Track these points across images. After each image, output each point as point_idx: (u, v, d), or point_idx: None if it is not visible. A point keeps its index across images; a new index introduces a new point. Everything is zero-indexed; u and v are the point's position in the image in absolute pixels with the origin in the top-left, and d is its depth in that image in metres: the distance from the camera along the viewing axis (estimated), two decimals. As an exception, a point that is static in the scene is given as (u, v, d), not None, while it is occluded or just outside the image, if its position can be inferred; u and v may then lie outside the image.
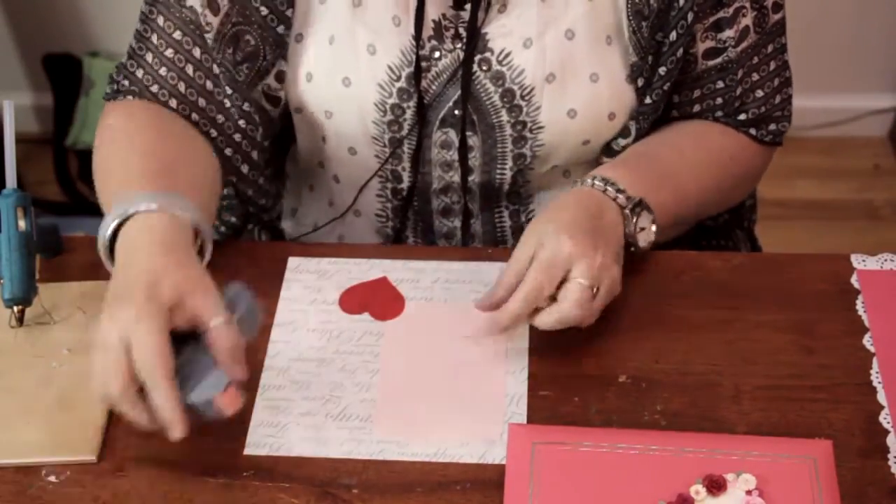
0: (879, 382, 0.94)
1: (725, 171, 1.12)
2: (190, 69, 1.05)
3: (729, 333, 0.98)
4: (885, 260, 1.04)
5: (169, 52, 1.05)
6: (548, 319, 0.93)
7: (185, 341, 0.86)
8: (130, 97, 1.06)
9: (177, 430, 0.83)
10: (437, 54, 1.04)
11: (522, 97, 1.05)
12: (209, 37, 1.03)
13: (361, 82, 1.05)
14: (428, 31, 1.03)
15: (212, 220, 1.02)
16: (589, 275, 0.92)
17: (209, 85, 1.06)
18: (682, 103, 1.11)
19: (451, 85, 1.05)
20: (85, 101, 2.33)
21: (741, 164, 1.14)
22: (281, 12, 1.03)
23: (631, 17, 1.02)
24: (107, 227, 0.91)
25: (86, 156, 2.34)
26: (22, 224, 0.99)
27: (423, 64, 1.04)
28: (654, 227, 1.01)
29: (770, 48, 1.09)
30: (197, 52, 1.05)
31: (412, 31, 1.02)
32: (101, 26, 2.33)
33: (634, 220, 0.99)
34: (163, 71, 1.05)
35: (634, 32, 1.02)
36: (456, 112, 1.06)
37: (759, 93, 1.10)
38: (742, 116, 1.11)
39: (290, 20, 1.04)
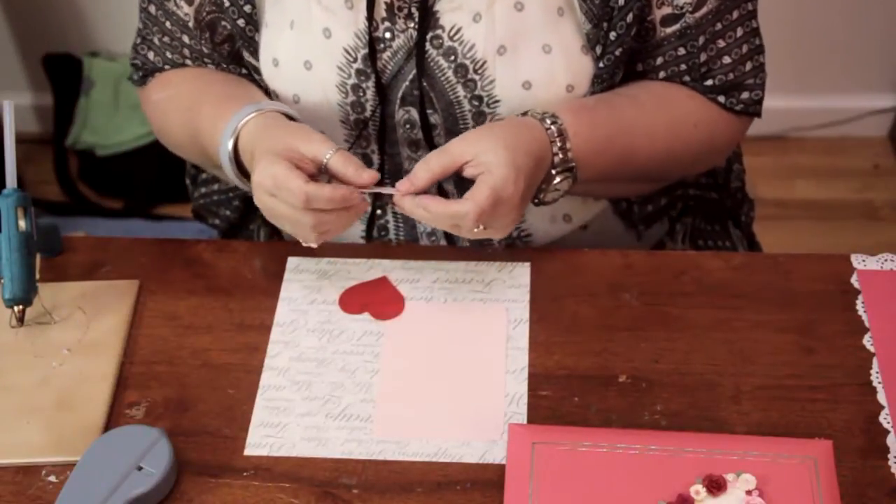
0: (879, 382, 0.94)
1: (686, 136, 1.11)
2: (187, 51, 1.15)
3: (729, 333, 0.99)
4: (885, 260, 1.04)
5: (166, 39, 1.14)
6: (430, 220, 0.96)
7: None
8: (156, 74, 1.17)
9: (357, 199, 0.95)
10: (389, 35, 1.05)
11: (475, 71, 1.05)
12: (191, 24, 1.12)
13: (321, 65, 1.07)
14: (381, 12, 1.04)
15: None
16: (501, 227, 0.96)
17: (206, 60, 1.16)
18: (647, 71, 1.11)
19: (406, 63, 1.06)
20: (85, 101, 2.33)
21: (706, 131, 1.12)
22: (240, 7, 1.07)
23: None
24: (226, 148, 1.02)
25: (86, 156, 2.35)
26: (22, 224, 0.99)
27: (379, 45, 1.05)
28: (567, 190, 1.03)
29: (735, 14, 1.07)
30: (186, 39, 1.14)
31: (365, 12, 1.04)
32: (101, 26, 2.33)
33: (556, 180, 1.02)
34: (168, 53, 1.15)
35: (584, 1, 1.02)
36: (414, 91, 1.07)
37: (727, 59, 1.08)
38: (709, 82, 1.10)
39: (251, 16, 1.08)
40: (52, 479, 0.90)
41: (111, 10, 2.30)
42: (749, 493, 0.85)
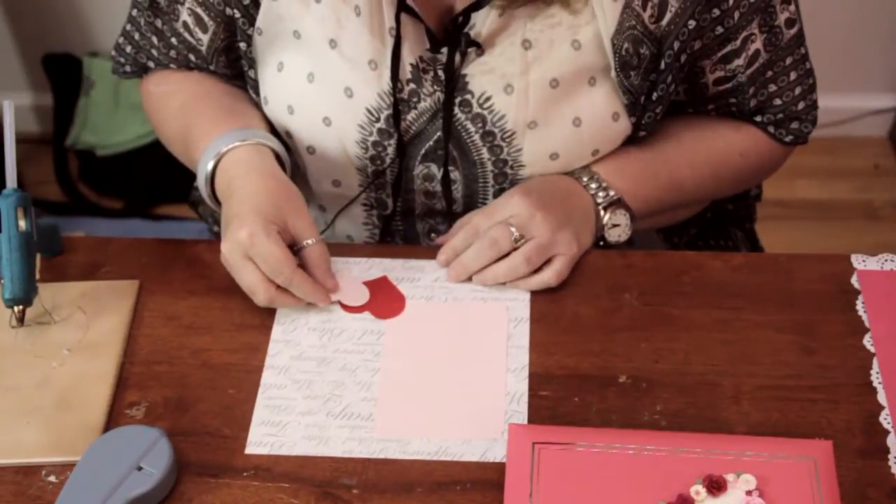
0: (879, 383, 0.94)
1: (731, 165, 1.13)
2: (192, 63, 1.13)
3: (729, 333, 0.98)
4: (885, 260, 1.04)
5: (172, 53, 1.12)
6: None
7: None
8: (154, 70, 1.16)
9: (325, 301, 1.00)
10: (415, 98, 1.04)
11: (503, 139, 1.04)
12: (203, 49, 1.10)
13: (341, 123, 1.05)
14: (406, 73, 1.02)
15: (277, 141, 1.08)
16: (520, 224, 1.00)
17: (211, 68, 1.14)
18: (698, 112, 1.12)
19: (431, 124, 1.05)
20: (85, 101, 2.33)
21: (752, 160, 1.14)
22: (243, 30, 1.07)
23: (619, 69, 1.01)
24: (206, 166, 1.02)
25: (86, 156, 2.36)
26: (22, 224, 0.99)
27: (402, 107, 1.04)
28: (628, 223, 1.06)
29: (788, 61, 1.07)
30: (192, 57, 1.12)
31: (389, 75, 1.02)
32: (101, 26, 2.33)
33: (607, 216, 1.05)
34: (173, 65, 1.14)
35: (623, 80, 1.02)
36: (438, 151, 1.07)
37: (777, 101, 1.09)
38: (759, 118, 1.11)
39: (250, 38, 1.07)
40: (52, 479, 0.90)
41: (111, 10, 2.30)
42: (749, 493, 0.85)
